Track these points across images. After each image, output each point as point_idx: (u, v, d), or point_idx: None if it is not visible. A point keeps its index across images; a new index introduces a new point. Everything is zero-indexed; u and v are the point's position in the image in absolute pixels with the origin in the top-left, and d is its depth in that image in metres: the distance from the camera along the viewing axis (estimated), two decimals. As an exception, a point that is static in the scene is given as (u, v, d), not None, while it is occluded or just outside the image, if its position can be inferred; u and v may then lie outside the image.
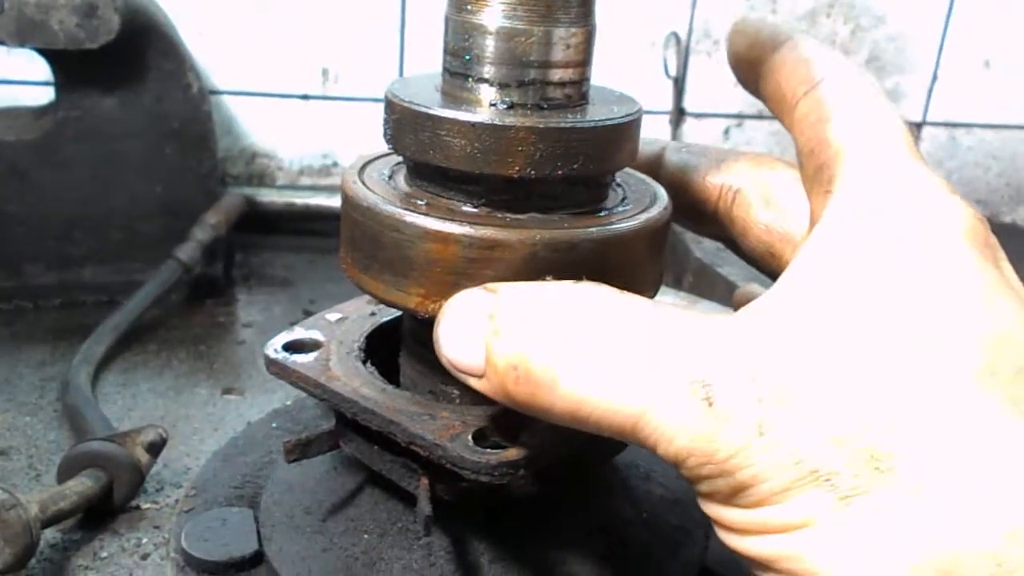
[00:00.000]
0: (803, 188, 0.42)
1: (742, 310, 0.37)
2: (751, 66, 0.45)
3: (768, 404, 0.33)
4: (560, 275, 0.41)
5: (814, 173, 0.40)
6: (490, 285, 0.40)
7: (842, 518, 0.33)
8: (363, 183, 0.47)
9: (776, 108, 0.44)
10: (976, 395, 0.33)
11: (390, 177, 0.49)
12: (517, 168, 0.42)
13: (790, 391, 0.33)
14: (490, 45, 0.44)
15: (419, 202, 0.45)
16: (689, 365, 0.34)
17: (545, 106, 0.44)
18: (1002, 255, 0.36)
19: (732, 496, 0.35)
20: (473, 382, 0.39)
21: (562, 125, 0.43)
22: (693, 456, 0.34)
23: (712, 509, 0.36)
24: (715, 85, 1.50)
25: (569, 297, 0.37)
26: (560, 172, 0.43)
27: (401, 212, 0.43)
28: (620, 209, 0.47)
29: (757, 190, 0.50)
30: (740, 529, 0.35)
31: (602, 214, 0.46)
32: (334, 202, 1.31)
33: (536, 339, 0.36)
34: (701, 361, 0.34)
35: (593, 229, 0.43)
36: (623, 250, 0.44)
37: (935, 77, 1.54)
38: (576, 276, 0.39)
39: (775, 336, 0.35)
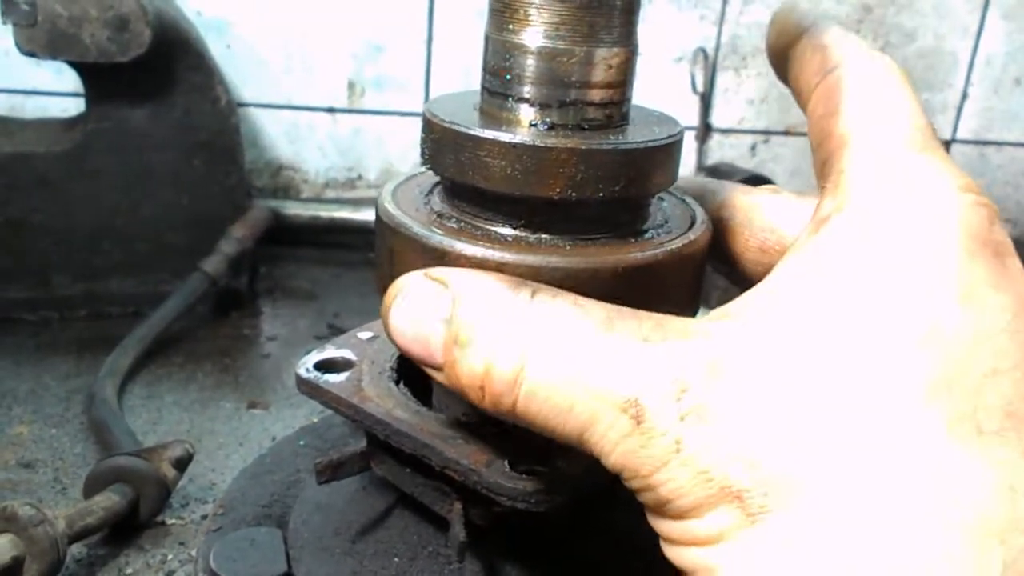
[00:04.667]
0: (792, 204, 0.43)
1: (703, 320, 0.37)
2: (780, 56, 0.44)
3: (689, 422, 0.34)
4: (600, 299, 0.40)
5: (820, 168, 0.40)
6: (440, 274, 0.39)
7: (751, 536, 0.33)
8: (398, 207, 0.46)
9: (798, 100, 0.43)
10: (918, 413, 0.32)
11: (426, 201, 0.48)
12: (558, 190, 0.42)
13: (711, 409, 0.33)
14: (531, 65, 0.43)
15: (454, 226, 0.44)
16: (624, 383, 0.35)
17: (586, 127, 0.44)
18: (1007, 251, 0.35)
19: (659, 509, 0.35)
20: (428, 371, 0.40)
21: (604, 147, 0.42)
22: (625, 470, 0.35)
23: (650, 518, 0.37)
24: (742, 101, 1.49)
25: (526, 312, 0.37)
26: (601, 194, 0.42)
27: (440, 238, 0.43)
28: (661, 232, 0.46)
29: (741, 216, 0.49)
30: (670, 539, 0.36)
31: (643, 237, 0.45)
32: (359, 215, 1.32)
33: (497, 357, 0.36)
34: (635, 379, 0.35)
35: (634, 254, 0.42)
36: (664, 274, 0.43)
37: (965, 95, 1.53)
38: (617, 300, 0.38)
39: (713, 353, 0.34)
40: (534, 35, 0.43)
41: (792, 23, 0.43)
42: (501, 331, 0.37)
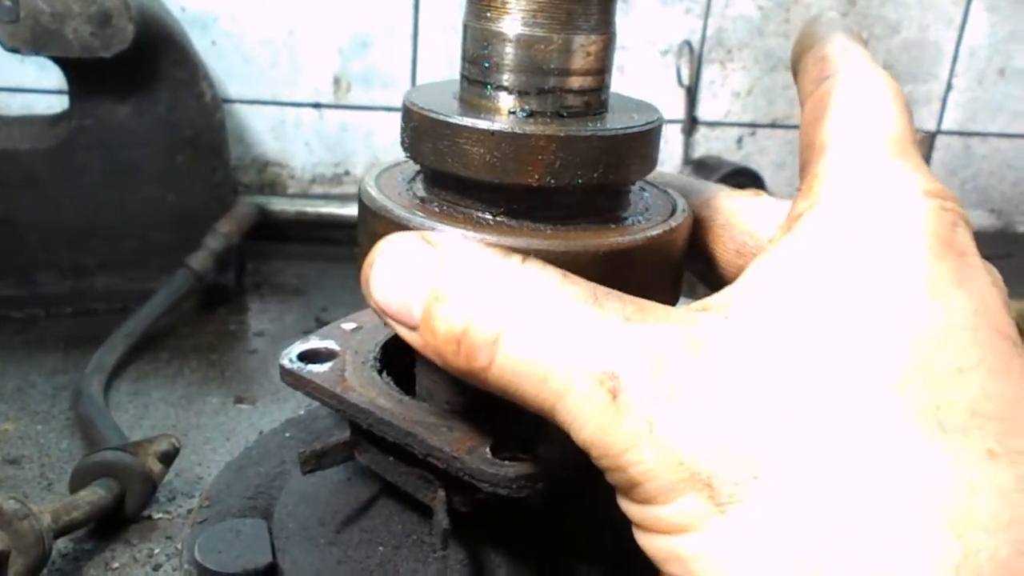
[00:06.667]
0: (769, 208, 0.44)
1: (684, 309, 0.37)
2: (795, 67, 0.45)
3: (663, 402, 0.33)
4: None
5: (801, 171, 0.40)
6: (428, 235, 0.40)
7: (720, 526, 0.32)
8: (381, 191, 0.46)
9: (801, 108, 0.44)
10: (887, 404, 0.32)
11: (409, 187, 0.48)
12: (537, 177, 0.42)
13: (686, 392, 0.33)
14: (509, 52, 0.43)
15: (436, 210, 0.45)
16: (603, 356, 0.34)
17: (564, 114, 0.44)
18: (970, 252, 0.35)
19: (629, 491, 0.35)
20: (402, 331, 0.39)
21: (582, 133, 0.42)
22: (595, 447, 0.35)
23: (621, 502, 0.36)
24: (728, 94, 1.50)
25: (513, 275, 0.37)
26: (580, 181, 0.42)
27: (421, 220, 0.43)
28: (641, 219, 0.46)
29: (722, 218, 0.49)
30: (640, 526, 0.35)
31: (622, 224, 0.45)
32: (346, 211, 1.32)
33: (478, 315, 0.36)
34: (615, 353, 0.34)
35: (616, 239, 0.43)
36: (645, 259, 0.44)
37: (949, 86, 1.53)
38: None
39: (693, 339, 0.35)
40: (512, 23, 0.43)
41: (807, 35, 0.44)
42: (485, 289, 0.37)
